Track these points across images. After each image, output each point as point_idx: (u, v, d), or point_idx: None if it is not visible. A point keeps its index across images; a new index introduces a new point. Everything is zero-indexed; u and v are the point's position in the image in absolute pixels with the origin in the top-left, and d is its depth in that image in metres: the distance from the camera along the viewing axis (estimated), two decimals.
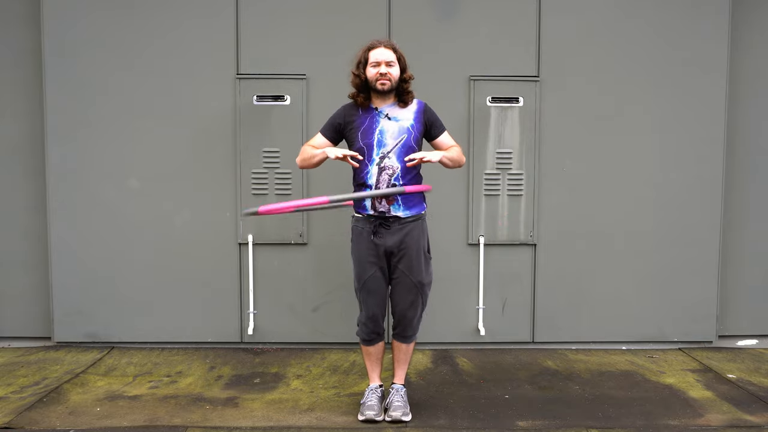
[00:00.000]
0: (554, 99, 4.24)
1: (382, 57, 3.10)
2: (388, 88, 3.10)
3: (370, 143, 3.10)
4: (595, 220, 4.32)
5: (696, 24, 4.26)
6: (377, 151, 3.10)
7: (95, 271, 4.25)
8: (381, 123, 3.12)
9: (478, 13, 4.22)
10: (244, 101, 4.16)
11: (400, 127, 3.13)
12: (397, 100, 3.18)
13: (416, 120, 3.17)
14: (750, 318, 4.48)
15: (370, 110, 3.16)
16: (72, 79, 4.16)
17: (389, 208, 3.11)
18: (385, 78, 3.08)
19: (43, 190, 4.24)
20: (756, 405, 3.43)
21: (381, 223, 3.13)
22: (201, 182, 4.23)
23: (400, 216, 3.12)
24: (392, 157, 3.10)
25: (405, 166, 3.11)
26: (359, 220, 3.18)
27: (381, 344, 3.31)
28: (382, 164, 3.09)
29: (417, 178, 3.19)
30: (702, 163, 4.31)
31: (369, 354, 3.31)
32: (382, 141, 3.10)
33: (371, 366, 3.33)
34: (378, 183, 3.10)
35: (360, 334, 3.28)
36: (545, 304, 4.34)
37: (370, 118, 3.14)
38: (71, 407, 3.34)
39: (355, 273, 3.22)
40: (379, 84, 3.09)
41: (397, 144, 3.10)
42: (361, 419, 3.19)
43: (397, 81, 3.12)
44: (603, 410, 3.36)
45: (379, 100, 3.16)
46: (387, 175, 3.10)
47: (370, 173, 3.11)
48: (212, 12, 4.17)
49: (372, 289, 3.18)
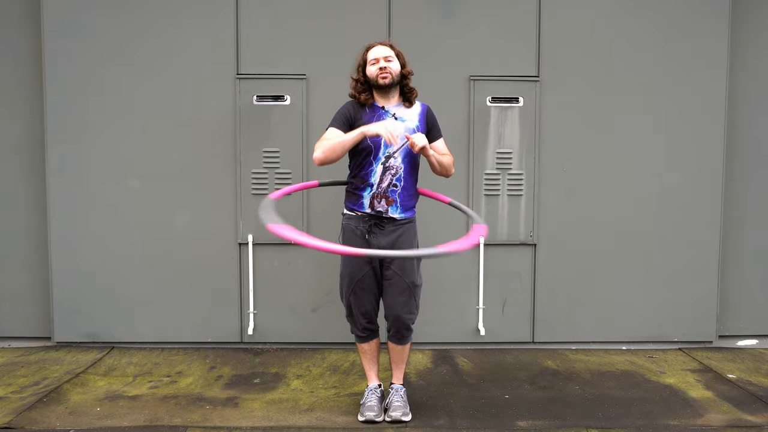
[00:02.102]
0: (554, 99, 4.24)
1: (380, 53, 3.12)
2: (390, 81, 3.09)
3: (377, 142, 3.08)
4: (594, 219, 4.32)
5: (696, 22, 4.26)
6: (383, 150, 3.09)
7: (95, 271, 4.25)
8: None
9: (478, 13, 4.22)
10: (244, 101, 4.16)
11: (407, 128, 3.13)
12: (402, 99, 3.18)
13: (420, 122, 3.18)
14: (750, 318, 4.48)
15: (376, 109, 3.15)
16: (72, 79, 4.16)
17: (387, 209, 3.11)
18: (386, 71, 3.08)
19: (43, 189, 4.24)
20: (756, 405, 3.43)
21: (376, 223, 3.13)
22: (201, 182, 4.23)
23: (395, 218, 3.12)
24: (398, 157, 3.10)
25: (408, 168, 3.11)
26: (352, 218, 3.17)
27: (376, 341, 3.30)
28: (387, 164, 3.09)
29: (416, 180, 3.21)
30: (702, 163, 4.31)
31: (365, 352, 3.31)
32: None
33: (368, 365, 3.32)
34: (381, 182, 3.09)
35: (354, 332, 3.28)
36: (545, 304, 4.34)
37: (377, 117, 3.13)
38: (71, 407, 3.34)
39: (346, 272, 3.19)
40: (380, 78, 3.09)
41: (404, 145, 3.09)
42: (361, 420, 3.18)
43: (398, 76, 3.12)
44: (603, 410, 3.36)
45: (383, 98, 3.16)
46: (390, 175, 3.09)
47: (374, 172, 3.10)
48: (212, 12, 4.17)
49: (366, 287, 3.18)
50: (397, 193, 3.10)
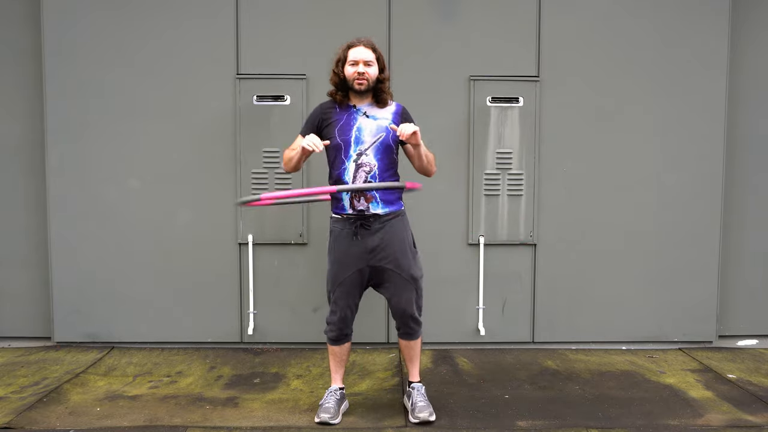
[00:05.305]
0: (554, 99, 4.24)
1: (360, 56, 3.09)
2: (365, 87, 3.10)
3: (347, 139, 3.09)
4: (595, 219, 4.31)
5: (696, 22, 4.25)
6: (354, 147, 3.08)
7: (95, 271, 4.25)
8: (359, 120, 3.11)
9: (479, 14, 4.22)
10: (244, 101, 4.16)
11: (378, 125, 3.11)
12: (375, 101, 3.17)
13: (394, 121, 3.14)
14: (750, 318, 4.48)
15: (348, 107, 3.15)
16: (72, 79, 4.16)
17: (368, 206, 3.08)
18: (363, 78, 3.08)
19: (43, 189, 4.24)
20: (756, 405, 3.43)
21: (361, 223, 3.10)
22: (201, 182, 4.23)
23: (379, 213, 3.10)
24: (369, 154, 3.08)
25: (382, 164, 3.10)
26: (338, 221, 3.16)
27: (348, 345, 3.30)
28: (359, 161, 3.08)
29: (395, 176, 3.18)
30: (702, 163, 4.31)
31: (335, 354, 3.29)
32: (360, 138, 3.09)
33: (335, 366, 3.31)
34: (354, 179, 3.08)
35: (328, 334, 3.26)
36: (545, 304, 4.34)
37: (348, 115, 3.13)
38: (71, 407, 3.34)
39: (331, 274, 3.19)
40: (356, 83, 3.08)
41: (375, 141, 3.09)
42: (317, 421, 3.14)
43: (374, 81, 3.12)
44: (603, 410, 3.35)
45: (356, 98, 3.16)
46: (364, 172, 3.08)
47: (347, 170, 3.09)
48: (212, 12, 4.17)
49: (348, 291, 3.16)
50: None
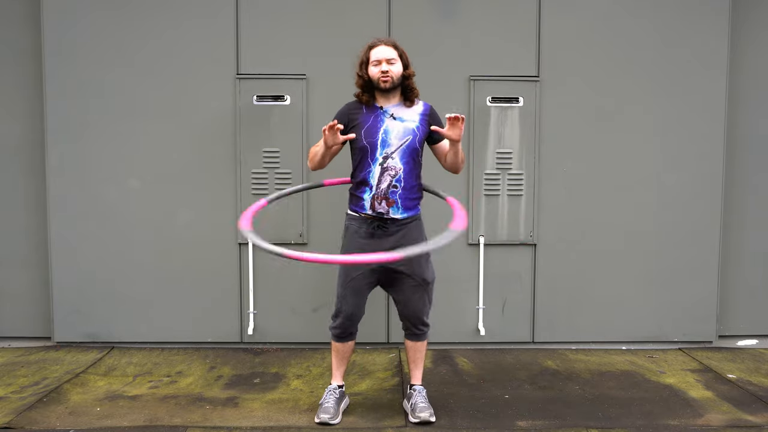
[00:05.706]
0: (554, 99, 4.24)
1: (383, 55, 3.09)
2: (390, 85, 3.08)
3: (373, 142, 3.08)
4: (594, 219, 4.32)
5: (696, 22, 4.25)
6: (381, 150, 3.07)
7: (95, 271, 4.25)
8: (386, 122, 3.10)
9: (479, 13, 4.22)
10: (244, 101, 4.16)
11: (405, 128, 3.10)
12: (403, 99, 3.16)
13: (421, 122, 3.14)
14: (750, 318, 4.48)
15: (375, 109, 3.14)
16: (72, 79, 4.16)
17: (388, 210, 3.09)
18: (387, 76, 3.07)
19: (43, 189, 4.24)
20: (756, 405, 3.43)
21: (379, 225, 3.11)
22: (201, 182, 4.23)
23: (397, 218, 3.10)
24: (395, 157, 3.07)
25: (407, 168, 3.09)
26: (355, 219, 3.16)
27: (352, 343, 3.29)
28: (385, 164, 3.07)
29: (419, 178, 3.17)
30: (702, 163, 4.31)
31: (338, 351, 3.29)
32: (387, 141, 3.07)
33: (338, 363, 3.31)
34: (380, 183, 3.07)
35: (334, 331, 3.25)
36: (545, 304, 4.34)
37: (375, 117, 3.12)
38: (71, 407, 3.34)
39: (342, 270, 3.19)
40: (381, 82, 3.07)
41: (402, 145, 3.07)
42: (317, 422, 3.14)
43: (400, 78, 3.11)
44: (603, 410, 3.35)
45: (383, 99, 3.14)
46: (389, 176, 3.07)
47: (372, 173, 3.08)
48: (212, 12, 4.17)
49: (356, 289, 3.15)
50: (398, 194, 3.08)
